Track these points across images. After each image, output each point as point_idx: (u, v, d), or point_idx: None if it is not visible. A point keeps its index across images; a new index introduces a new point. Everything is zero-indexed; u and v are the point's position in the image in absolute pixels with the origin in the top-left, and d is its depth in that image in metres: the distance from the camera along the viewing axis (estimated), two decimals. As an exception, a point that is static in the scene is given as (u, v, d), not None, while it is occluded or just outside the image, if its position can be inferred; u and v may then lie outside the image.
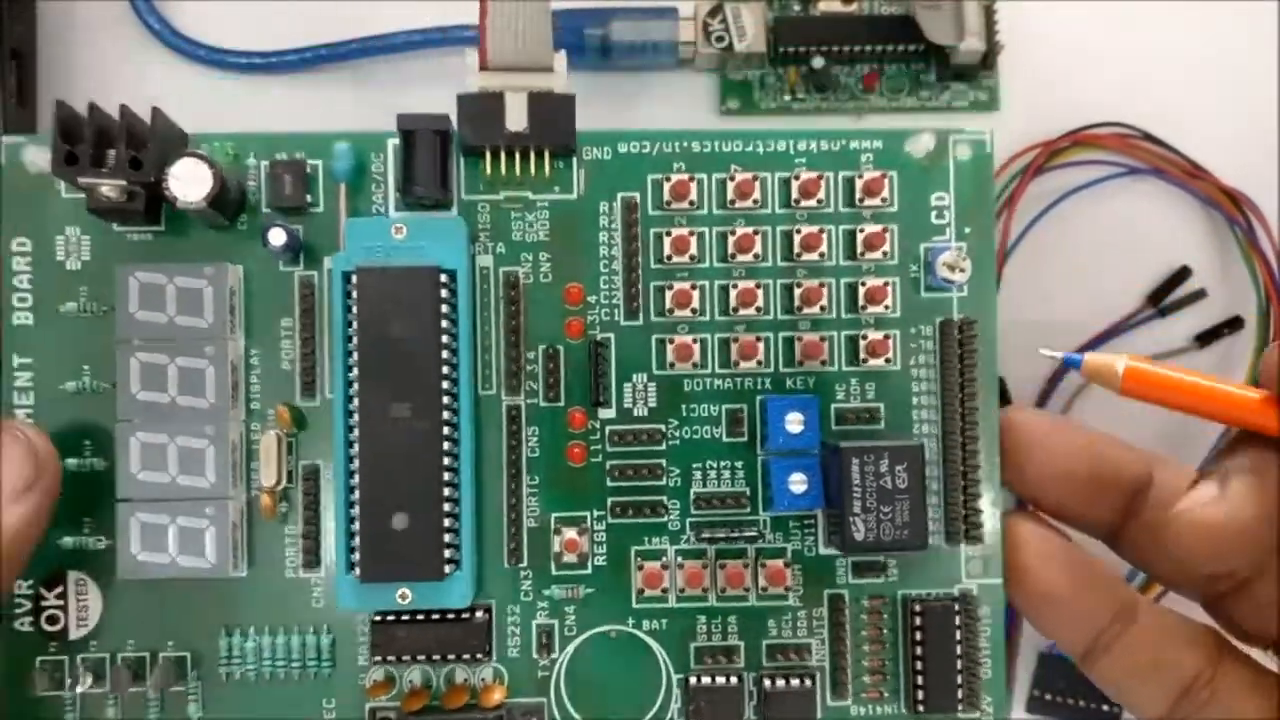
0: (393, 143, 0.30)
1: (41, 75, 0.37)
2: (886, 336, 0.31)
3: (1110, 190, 0.38)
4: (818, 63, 0.36)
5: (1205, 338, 0.38)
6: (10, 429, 0.28)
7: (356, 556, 0.28)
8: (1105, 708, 0.38)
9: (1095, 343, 0.38)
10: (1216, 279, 0.39)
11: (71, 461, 0.30)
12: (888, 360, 0.31)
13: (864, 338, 0.31)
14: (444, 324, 0.29)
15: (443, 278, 0.29)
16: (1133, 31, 0.39)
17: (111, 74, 0.38)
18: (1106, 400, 0.29)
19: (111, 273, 0.30)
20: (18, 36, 0.36)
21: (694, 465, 0.31)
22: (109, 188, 0.28)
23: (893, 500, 0.29)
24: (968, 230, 0.31)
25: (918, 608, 0.30)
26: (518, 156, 0.30)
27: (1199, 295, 0.38)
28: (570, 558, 0.30)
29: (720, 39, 0.36)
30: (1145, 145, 0.38)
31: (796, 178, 0.31)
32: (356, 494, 0.28)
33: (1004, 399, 0.35)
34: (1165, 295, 0.38)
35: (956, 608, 0.30)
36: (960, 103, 0.38)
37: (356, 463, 0.28)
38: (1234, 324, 0.38)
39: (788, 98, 0.38)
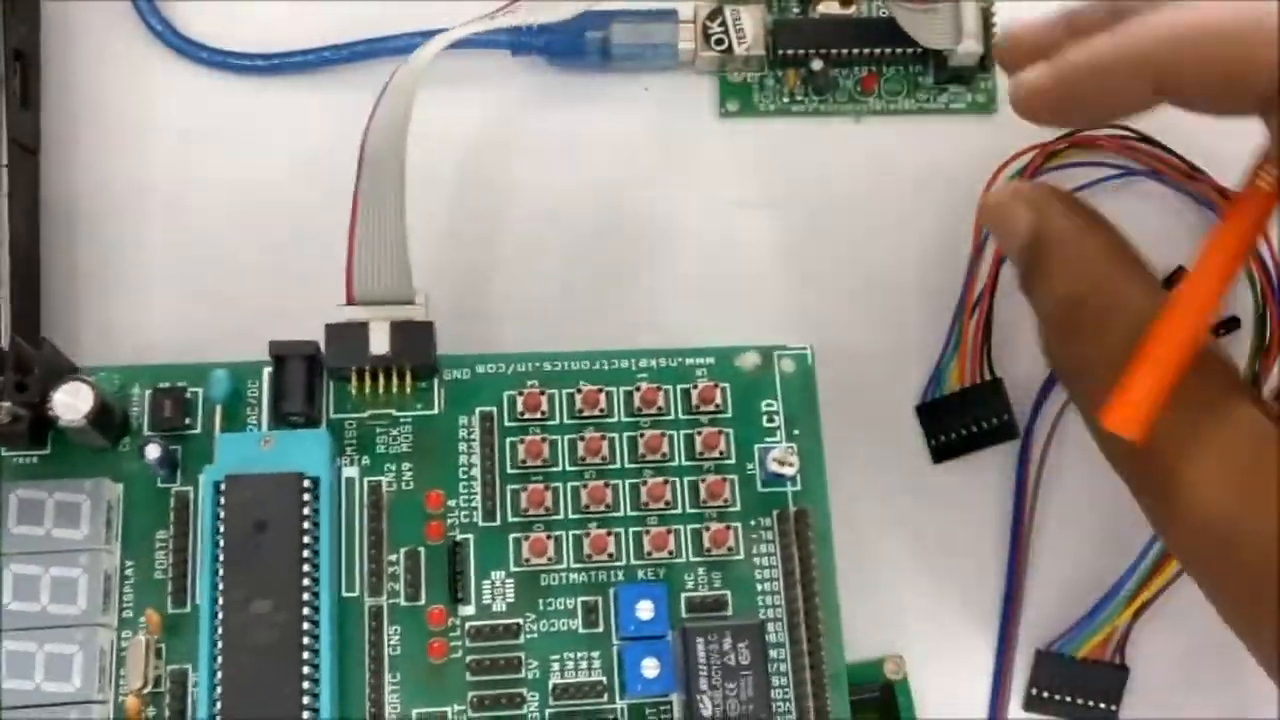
0: (268, 371, 0.33)
1: (44, 76, 0.37)
2: (728, 527, 0.33)
3: (1107, 192, 0.38)
4: (816, 65, 0.38)
5: (1203, 338, 0.38)
6: None
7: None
8: (1103, 706, 0.35)
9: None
10: None
11: (-63, 679, 0.30)
12: (730, 549, 0.33)
13: (707, 529, 0.33)
14: (305, 525, 0.30)
15: (305, 483, 0.31)
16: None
17: (113, 75, 0.38)
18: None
19: (-6, 496, 0.31)
20: (22, 37, 0.35)
21: (552, 657, 0.32)
22: (-6, 411, 0.31)
23: (737, 677, 0.31)
24: (796, 431, 0.34)
25: (774, 791, 0.31)
26: (382, 378, 0.33)
27: (1196, 296, 0.39)
28: (431, 755, 0.31)
29: (720, 42, 0.37)
30: (1142, 147, 0.38)
31: (638, 389, 0.34)
32: (219, 690, 0.29)
33: (1003, 401, 0.36)
34: (1161, 295, 0.39)
35: (812, 789, 0.31)
36: (958, 105, 0.39)
37: (220, 660, 0.29)
38: (1230, 325, 0.38)
39: (787, 100, 0.39)
